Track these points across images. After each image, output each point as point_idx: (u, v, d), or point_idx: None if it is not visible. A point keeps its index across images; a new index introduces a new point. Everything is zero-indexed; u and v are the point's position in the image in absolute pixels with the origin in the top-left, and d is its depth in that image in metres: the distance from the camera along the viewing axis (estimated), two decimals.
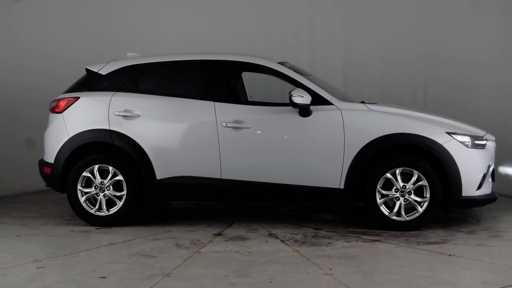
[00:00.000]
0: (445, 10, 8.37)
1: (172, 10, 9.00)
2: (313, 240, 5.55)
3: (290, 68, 6.46)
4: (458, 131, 5.93)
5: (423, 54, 8.51)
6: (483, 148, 6.03)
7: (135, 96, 6.15)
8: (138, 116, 6.06)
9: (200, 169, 6.02)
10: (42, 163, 6.35)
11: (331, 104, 5.97)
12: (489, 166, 6.03)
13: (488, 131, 6.40)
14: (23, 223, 6.29)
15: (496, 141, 6.33)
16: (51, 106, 6.32)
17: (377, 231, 5.87)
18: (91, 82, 6.33)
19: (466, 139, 5.90)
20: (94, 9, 8.59)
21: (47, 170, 6.26)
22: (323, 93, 6.03)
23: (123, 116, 6.07)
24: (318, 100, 5.98)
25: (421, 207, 5.83)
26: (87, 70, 6.38)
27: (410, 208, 5.89)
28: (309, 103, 5.84)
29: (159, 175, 6.04)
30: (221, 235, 5.77)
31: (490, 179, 6.15)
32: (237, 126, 5.95)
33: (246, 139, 5.96)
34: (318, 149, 5.90)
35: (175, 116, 6.06)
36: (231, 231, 5.90)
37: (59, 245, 5.41)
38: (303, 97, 5.80)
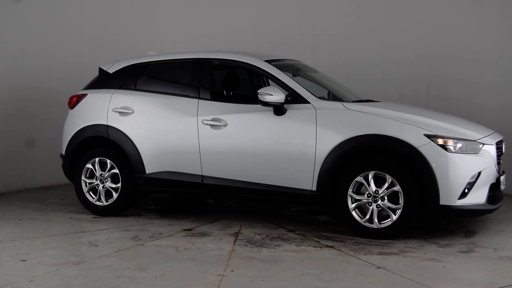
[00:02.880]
0: (447, 7, 8.06)
1: (174, 9, 9.21)
2: (267, 241, 5.43)
3: (298, 66, 6.47)
4: (440, 134, 5.39)
5: (426, 52, 8.19)
6: (475, 153, 5.43)
7: (132, 94, 6.47)
8: (132, 112, 6.37)
9: (184, 165, 6.16)
10: (60, 155, 6.92)
11: (308, 102, 5.77)
12: (479, 173, 5.41)
13: (492, 126, 5.88)
14: (43, 209, 6.91)
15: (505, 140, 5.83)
16: (67, 103, 6.87)
17: (346, 237, 5.57)
18: (101, 80, 6.76)
19: (449, 142, 5.35)
20: (97, 11, 8.83)
21: (62, 161, 6.83)
22: (301, 91, 5.85)
23: (119, 112, 6.42)
24: (296, 98, 5.82)
25: (395, 214, 5.42)
26: (99, 69, 6.83)
27: (386, 215, 5.50)
28: (281, 101, 5.69)
29: (149, 169, 6.30)
30: (190, 230, 5.88)
31: (489, 186, 5.52)
32: (214, 124, 6.00)
33: (223, 137, 5.98)
34: (290, 148, 5.74)
35: (164, 113, 6.26)
36: (204, 227, 5.98)
37: (36, 229, 5.88)
38: (272, 95, 5.68)
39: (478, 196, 5.46)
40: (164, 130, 6.23)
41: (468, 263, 4.77)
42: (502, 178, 5.79)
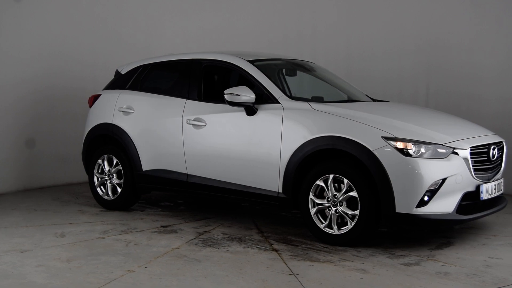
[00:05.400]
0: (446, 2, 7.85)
1: (176, 9, 9.25)
2: (222, 241, 5.41)
3: (300, 65, 6.46)
4: (400, 136, 5.01)
5: (426, 44, 7.92)
6: (442, 158, 4.99)
7: (135, 94, 6.75)
8: (133, 112, 6.64)
9: (173, 164, 6.32)
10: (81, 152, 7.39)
11: (278, 102, 5.66)
12: (443, 180, 4.96)
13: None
14: (68, 201, 7.39)
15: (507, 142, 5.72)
16: (88, 102, 7.32)
17: (307, 241, 5.39)
18: (115, 81, 7.13)
19: (409, 146, 4.96)
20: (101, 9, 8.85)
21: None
22: (274, 91, 5.74)
23: (123, 112, 6.72)
24: (270, 97, 5.73)
25: (354, 220, 5.14)
26: (116, 70, 7.20)
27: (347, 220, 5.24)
28: (251, 101, 5.63)
29: (145, 166, 6.53)
30: (166, 227, 6.01)
31: (462, 194, 5.06)
32: (196, 123, 6.08)
33: (203, 136, 6.05)
34: (259, 149, 5.66)
35: (158, 113, 6.46)
36: (182, 225, 6.08)
37: (35, 219, 6.32)
38: (238, 95, 5.64)
39: (444, 205, 5.01)
40: (156, 129, 6.42)
41: (393, 276, 4.41)
42: (485, 186, 5.24)
